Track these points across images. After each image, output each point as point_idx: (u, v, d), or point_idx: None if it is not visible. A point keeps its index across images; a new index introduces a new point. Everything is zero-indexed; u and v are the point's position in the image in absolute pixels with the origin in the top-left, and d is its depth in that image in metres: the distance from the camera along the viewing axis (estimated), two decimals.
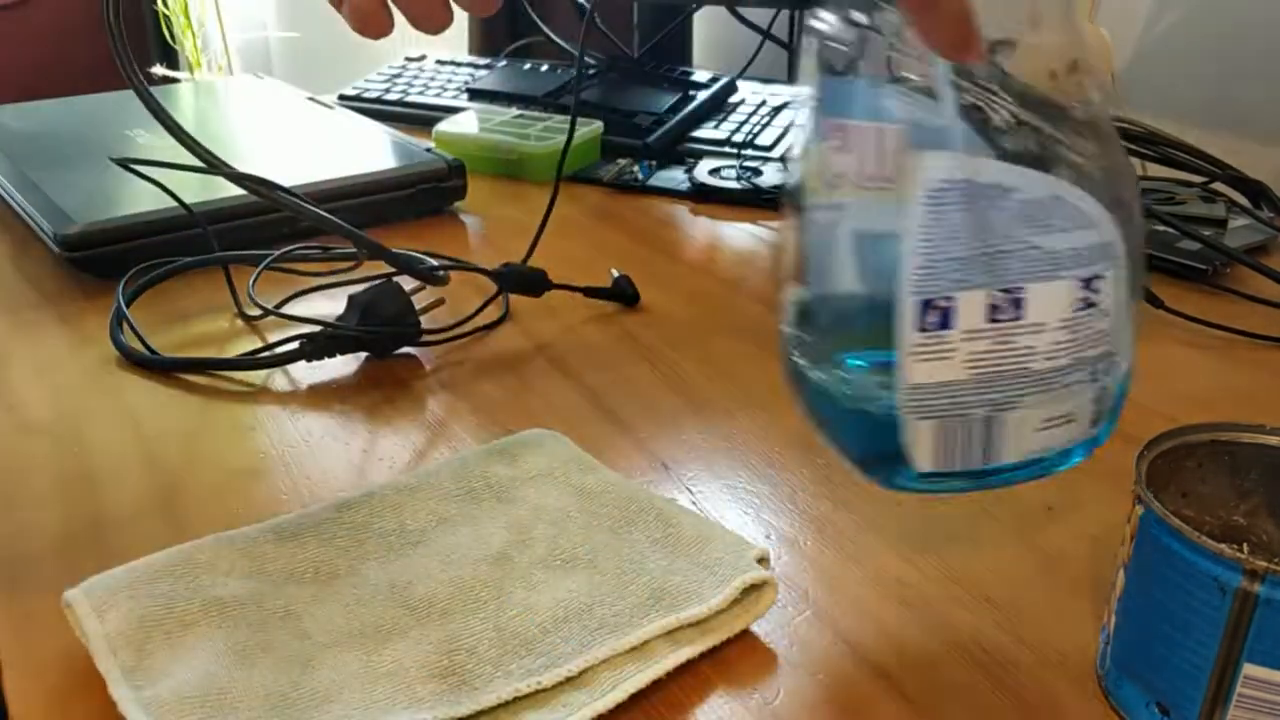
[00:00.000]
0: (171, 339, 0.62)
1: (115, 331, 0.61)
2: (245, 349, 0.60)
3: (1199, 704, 0.33)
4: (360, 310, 0.58)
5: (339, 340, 0.58)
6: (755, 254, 0.76)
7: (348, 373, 0.59)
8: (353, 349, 0.59)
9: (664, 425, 0.54)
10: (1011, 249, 0.32)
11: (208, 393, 0.56)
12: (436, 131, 0.96)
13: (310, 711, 0.34)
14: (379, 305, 0.58)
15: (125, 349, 0.59)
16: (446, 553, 0.41)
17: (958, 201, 0.32)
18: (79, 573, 0.42)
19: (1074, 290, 0.33)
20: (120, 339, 0.60)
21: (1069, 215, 0.32)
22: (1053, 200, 0.32)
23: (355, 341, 0.58)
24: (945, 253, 0.32)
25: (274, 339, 0.60)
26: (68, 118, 0.93)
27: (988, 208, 0.32)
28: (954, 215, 0.32)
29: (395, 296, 0.59)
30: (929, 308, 0.32)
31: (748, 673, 0.38)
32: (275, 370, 0.58)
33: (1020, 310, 0.32)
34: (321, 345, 0.58)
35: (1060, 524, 0.46)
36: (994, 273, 0.32)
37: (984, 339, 0.33)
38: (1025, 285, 0.32)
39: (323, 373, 0.59)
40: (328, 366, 0.59)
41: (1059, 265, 0.32)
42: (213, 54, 2.86)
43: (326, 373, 0.59)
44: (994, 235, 0.32)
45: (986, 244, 0.32)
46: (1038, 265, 0.32)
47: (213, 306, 0.66)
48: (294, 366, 0.59)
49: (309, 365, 0.59)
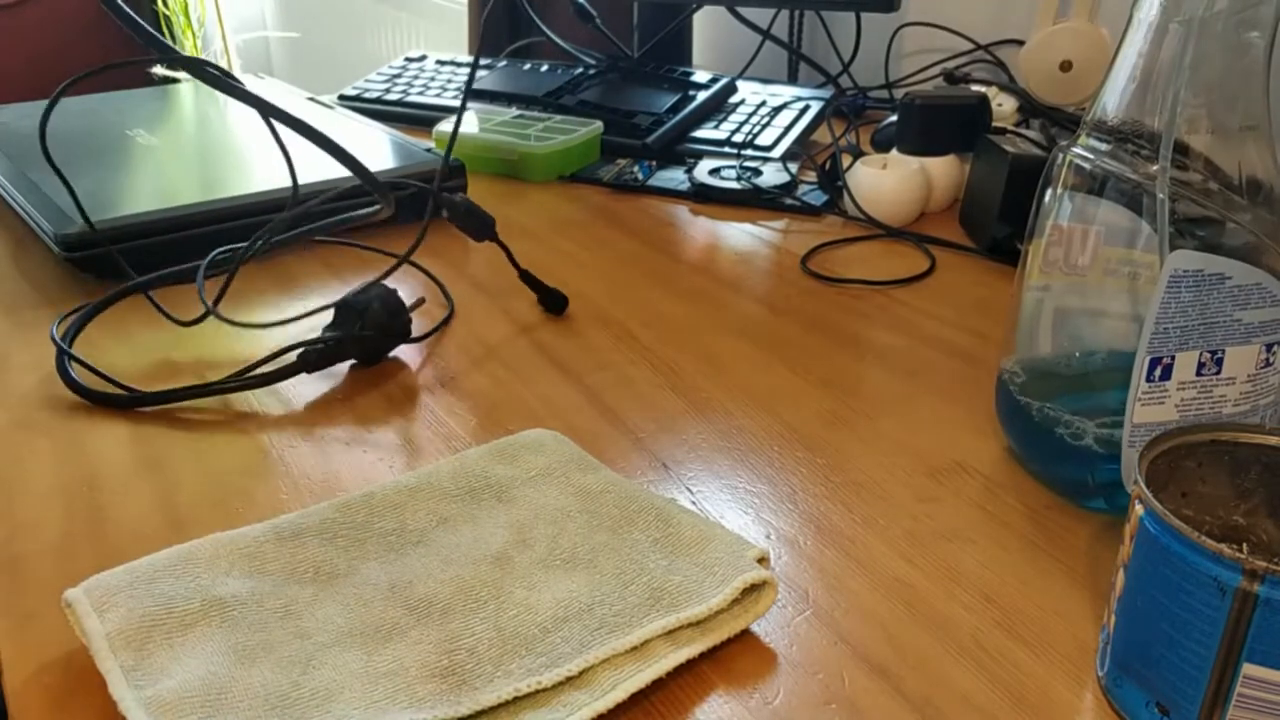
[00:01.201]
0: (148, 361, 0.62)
1: (66, 374, 0.55)
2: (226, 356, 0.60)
3: (1199, 704, 0.33)
4: (353, 316, 0.58)
5: (340, 348, 0.57)
6: (755, 254, 0.76)
7: (347, 373, 0.59)
8: (353, 355, 0.58)
9: (664, 425, 0.54)
10: (1219, 320, 0.42)
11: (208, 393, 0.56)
12: (436, 131, 0.96)
13: (310, 711, 0.34)
14: (375, 309, 0.58)
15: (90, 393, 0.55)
16: (446, 553, 0.41)
17: (1189, 285, 0.41)
18: (79, 573, 0.42)
19: (1260, 353, 0.42)
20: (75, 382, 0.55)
21: (1264, 296, 0.42)
22: (1255, 285, 0.41)
23: (356, 347, 0.58)
24: (1174, 322, 0.41)
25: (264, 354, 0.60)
26: (68, 118, 0.93)
27: (1209, 290, 0.41)
28: (1185, 295, 0.41)
29: (388, 298, 0.58)
30: (1157, 363, 0.42)
31: (748, 673, 0.38)
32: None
33: (1220, 367, 0.42)
34: (322, 355, 0.57)
35: (1060, 524, 0.46)
36: (1204, 338, 0.42)
37: (1191, 389, 0.42)
38: (1226, 348, 0.42)
39: (322, 373, 0.59)
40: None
41: (1251, 333, 0.42)
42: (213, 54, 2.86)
43: (326, 373, 0.59)
44: (1209, 310, 0.41)
45: (1203, 317, 0.41)
46: (1236, 333, 0.42)
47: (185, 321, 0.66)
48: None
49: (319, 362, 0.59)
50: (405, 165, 0.81)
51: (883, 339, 0.63)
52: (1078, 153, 0.44)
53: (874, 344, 0.62)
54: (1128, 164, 0.42)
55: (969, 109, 0.82)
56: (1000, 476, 0.50)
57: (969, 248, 0.77)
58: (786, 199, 0.85)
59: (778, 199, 0.85)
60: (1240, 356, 0.42)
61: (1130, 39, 0.42)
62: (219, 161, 0.81)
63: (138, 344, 0.61)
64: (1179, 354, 0.42)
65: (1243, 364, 0.42)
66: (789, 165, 0.90)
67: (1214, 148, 0.41)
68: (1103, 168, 0.43)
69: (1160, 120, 0.41)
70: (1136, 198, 0.42)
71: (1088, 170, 0.44)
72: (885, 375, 0.59)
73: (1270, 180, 0.42)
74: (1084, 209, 0.44)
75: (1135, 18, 0.42)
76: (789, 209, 0.85)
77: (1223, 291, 0.41)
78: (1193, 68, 0.40)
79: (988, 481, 0.49)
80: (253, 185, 0.75)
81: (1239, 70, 0.40)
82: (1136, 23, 0.42)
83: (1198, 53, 0.40)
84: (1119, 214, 0.43)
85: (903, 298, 0.69)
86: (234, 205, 0.73)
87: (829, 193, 0.85)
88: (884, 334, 0.64)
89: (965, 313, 0.67)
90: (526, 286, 0.68)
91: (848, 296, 0.69)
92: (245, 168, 0.79)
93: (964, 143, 0.83)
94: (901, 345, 0.62)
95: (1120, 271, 0.44)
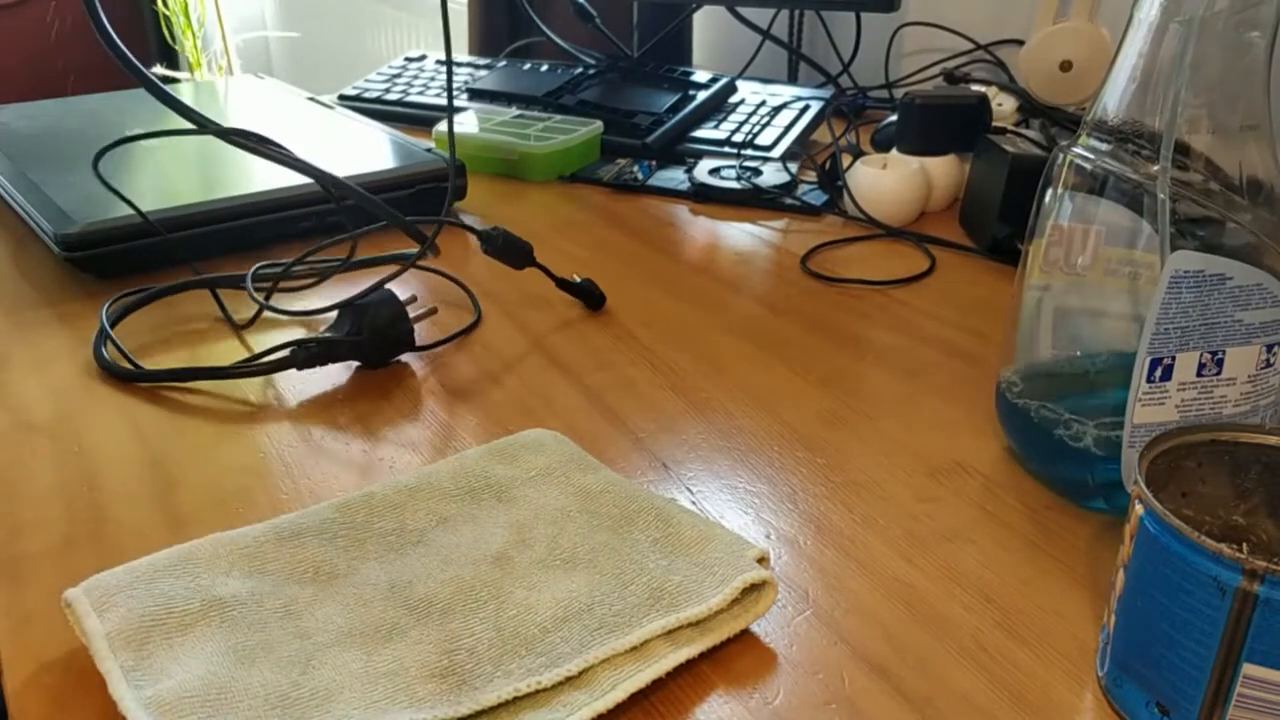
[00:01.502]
0: (160, 348, 0.62)
1: (99, 350, 0.59)
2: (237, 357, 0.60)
3: (1198, 704, 0.33)
4: (354, 319, 0.58)
5: (331, 349, 0.57)
6: (755, 254, 0.76)
7: (347, 373, 0.59)
8: (346, 357, 0.58)
9: (664, 425, 0.54)
10: (1220, 321, 0.41)
11: (207, 394, 0.56)
12: (436, 131, 0.96)
13: (310, 711, 0.34)
14: (373, 313, 0.57)
15: (110, 367, 0.58)
16: (446, 553, 0.41)
17: (1190, 286, 0.41)
18: (79, 573, 0.42)
19: (1260, 354, 0.42)
20: (104, 357, 0.59)
21: (1265, 296, 0.41)
22: (1255, 286, 0.41)
23: (349, 350, 0.58)
24: (1174, 323, 0.41)
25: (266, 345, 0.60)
26: (68, 118, 0.93)
27: (1209, 290, 0.41)
28: (1186, 295, 0.41)
29: (388, 304, 0.58)
30: (1157, 364, 0.42)
31: (748, 673, 0.38)
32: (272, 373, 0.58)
33: (1220, 368, 0.42)
34: (312, 354, 0.56)
35: (1060, 524, 0.46)
36: (1205, 338, 0.42)
37: (1192, 389, 0.42)
38: (1226, 349, 0.42)
39: (322, 372, 0.59)
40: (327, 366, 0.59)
41: (1251, 334, 0.42)
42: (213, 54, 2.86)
43: (326, 372, 0.59)
44: (1209, 311, 0.41)
45: (1204, 318, 0.41)
46: (1237, 333, 0.42)
47: (200, 315, 0.66)
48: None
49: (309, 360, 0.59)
50: (406, 165, 0.81)
51: (883, 339, 0.63)
52: (1078, 153, 0.44)
53: (874, 344, 0.62)
54: (1128, 164, 0.42)
55: (969, 109, 0.82)
56: (1000, 476, 0.50)
57: (969, 248, 0.77)
58: (786, 199, 0.85)
59: (778, 199, 0.85)
60: (1241, 357, 0.42)
61: (1130, 39, 0.42)
62: (219, 161, 0.81)
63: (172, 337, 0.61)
64: (1179, 354, 0.42)
65: (1243, 364, 0.42)
66: (789, 165, 0.90)
67: (1215, 148, 0.41)
68: (1103, 168, 0.43)
69: (1161, 120, 0.41)
70: (1137, 198, 0.42)
71: (1088, 170, 0.44)
72: (885, 375, 0.59)
73: (1271, 180, 0.42)
74: (1084, 209, 0.44)
75: (1135, 18, 0.42)
76: (789, 209, 0.85)
77: (1223, 292, 0.41)
78: (1193, 68, 0.40)
79: (988, 481, 0.49)
80: (253, 185, 0.75)
81: (1239, 70, 0.40)
82: (1137, 23, 0.42)
83: (1198, 53, 0.40)
84: (1119, 214, 0.43)
85: (903, 298, 0.69)
86: (234, 205, 0.73)
87: (829, 193, 0.85)
88: (884, 334, 0.64)
89: (965, 313, 0.67)
90: (567, 294, 0.68)
91: (848, 296, 0.69)
92: (246, 168, 0.79)
93: (964, 143, 0.83)
94: (901, 345, 0.62)
95: (1121, 272, 0.44)
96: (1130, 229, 0.43)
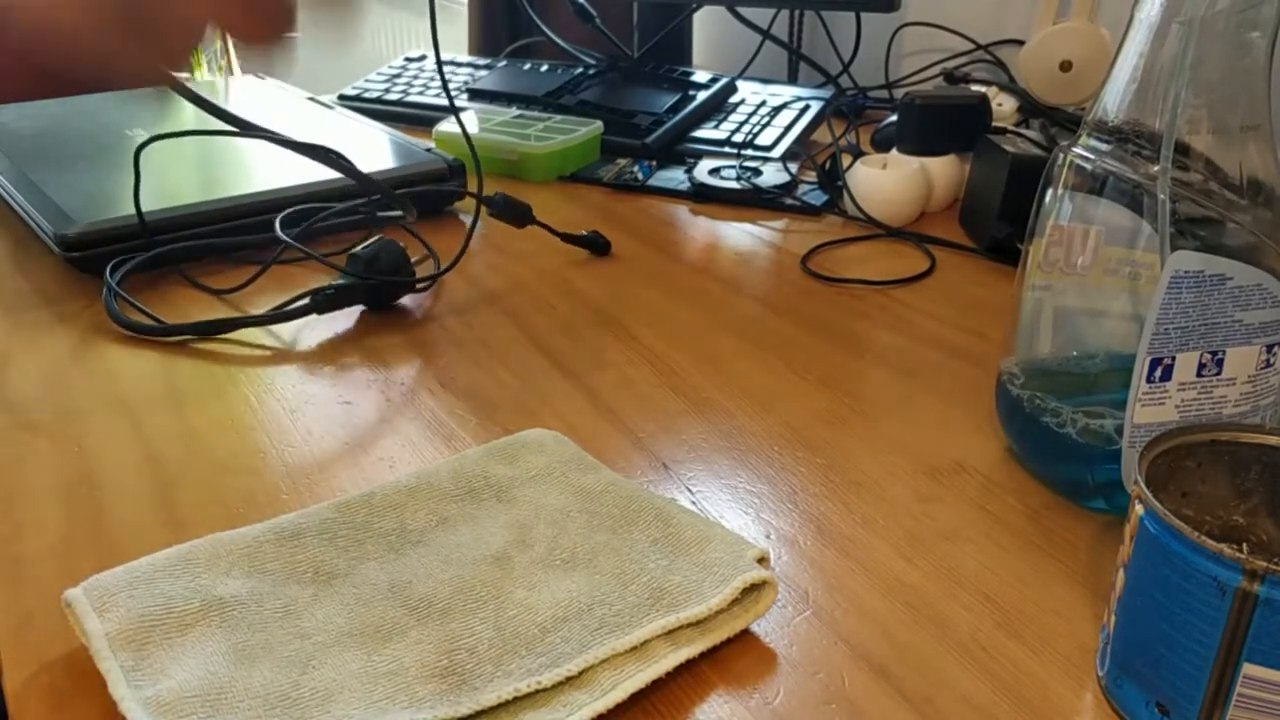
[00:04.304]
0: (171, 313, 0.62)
1: (111, 307, 0.63)
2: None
3: (1198, 704, 0.33)
4: (363, 264, 0.65)
5: (345, 292, 0.64)
6: (755, 254, 0.76)
7: (347, 372, 0.59)
8: (359, 300, 0.65)
9: (664, 425, 0.54)
10: (1220, 321, 0.41)
11: (208, 393, 0.56)
12: (436, 131, 0.96)
13: (310, 711, 0.34)
14: (379, 258, 0.65)
15: (131, 324, 0.62)
16: (446, 553, 0.41)
17: (1190, 286, 0.41)
18: (79, 573, 0.42)
19: (1260, 354, 0.42)
20: (118, 315, 0.63)
21: (1265, 296, 0.41)
22: (1255, 286, 0.41)
23: (362, 294, 0.64)
24: (1174, 323, 0.41)
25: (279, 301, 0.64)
26: (68, 118, 0.93)
27: (1209, 291, 0.41)
28: (1186, 296, 0.41)
29: (392, 250, 0.66)
30: (1157, 364, 0.42)
31: (748, 673, 0.38)
32: (280, 361, 0.58)
33: (1220, 368, 0.42)
34: (329, 298, 0.63)
35: (1060, 524, 0.46)
36: (1205, 338, 0.42)
37: (1192, 389, 0.42)
38: (1226, 349, 0.42)
39: (322, 371, 0.59)
40: (327, 360, 0.59)
41: (1251, 334, 0.42)
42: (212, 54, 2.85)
43: (326, 371, 0.59)
44: (1209, 311, 0.41)
45: (1204, 318, 0.41)
46: (1237, 333, 0.42)
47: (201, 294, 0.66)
48: (292, 362, 0.59)
49: (307, 357, 0.59)
50: (406, 165, 0.81)
51: (882, 339, 0.63)
52: (1078, 153, 0.44)
53: (874, 344, 0.62)
54: (1128, 164, 0.42)
55: (969, 109, 0.82)
56: (1000, 476, 0.50)
57: (969, 247, 0.77)
58: (786, 199, 0.85)
59: (778, 199, 0.85)
60: (1241, 357, 0.42)
61: (1131, 39, 0.42)
62: (219, 161, 0.81)
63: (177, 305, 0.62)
64: (1179, 355, 0.42)
65: (1243, 365, 0.42)
66: (789, 165, 0.90)
67: (1215, 148, 0.41)
68: (1103, 168, 0.43)
69: (1161, 120, 0.41)
70: (1137, 198, 0.42)
71: (1088, 170, 0.44)
72: (885, 375, 0.59)
73: (1271, 180, 0.42)
74: (1084, 209, 0.44)
75: (1136, 18, 0.42)
76: (789, 209, 0.85)
77: (1223, 292, 0.41)
78: (1194, 68, 0.40)
79: (987, 481, 0.49)
80: (253, 185, 0.75)
81: (1240, 70, 0.40)
82: (1137, 23, 0.42)
83: (1199, 53, 0.40)
84: (1119, 214, 0.43)
85: (902, 298, 0.69)
86: (235, 205, 0.73)
87: (829, 193, 0.85)
88: (884, 334, 0.64)
89: (965, 313, 0.67)
90: (573, 245, 0.76)
91: (847, 296, 0.69)
92: (246, 167, 0.79)
93: (964, 143, 0.83)
94: (901, 345, 0.62)
95: (1121, 272, 0.44)
96: (1130, 229, 0.43)
